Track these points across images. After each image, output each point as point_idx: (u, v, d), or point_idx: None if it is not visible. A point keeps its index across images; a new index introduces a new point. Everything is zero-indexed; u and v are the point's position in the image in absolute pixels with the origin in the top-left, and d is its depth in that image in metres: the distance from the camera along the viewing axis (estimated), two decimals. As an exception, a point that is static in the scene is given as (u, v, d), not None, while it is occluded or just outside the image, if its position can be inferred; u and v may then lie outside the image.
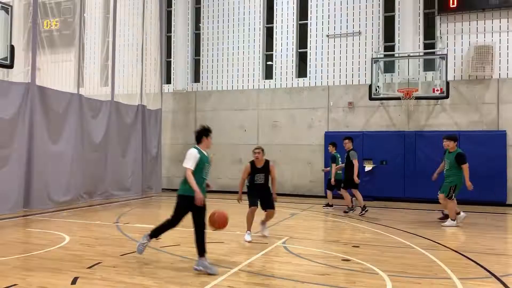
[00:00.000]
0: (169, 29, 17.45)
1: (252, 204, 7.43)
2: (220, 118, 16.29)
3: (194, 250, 6.54)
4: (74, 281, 4.88)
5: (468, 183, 8.85)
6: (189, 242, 7.16)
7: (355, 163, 10.54)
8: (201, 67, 16.83)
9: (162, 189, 16.27)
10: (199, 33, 16.98)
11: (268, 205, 7.49)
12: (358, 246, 6.98)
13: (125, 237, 7.45)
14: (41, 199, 10.79)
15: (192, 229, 5.48)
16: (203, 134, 6.01)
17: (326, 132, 14.83)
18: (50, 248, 6.49)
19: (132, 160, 14.44)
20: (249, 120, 15.93)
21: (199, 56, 16.93)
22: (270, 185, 7.58)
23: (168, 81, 17.33)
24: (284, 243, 7.13)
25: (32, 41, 10.87)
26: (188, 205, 5.57)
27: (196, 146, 5.78)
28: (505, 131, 13.05)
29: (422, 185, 13.15)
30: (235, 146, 16.02)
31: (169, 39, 17.47)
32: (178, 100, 16.96)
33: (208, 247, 6.75)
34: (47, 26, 12.20)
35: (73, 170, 11.83)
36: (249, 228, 7.50)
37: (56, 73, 13.05)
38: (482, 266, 5.77)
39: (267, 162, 7.48)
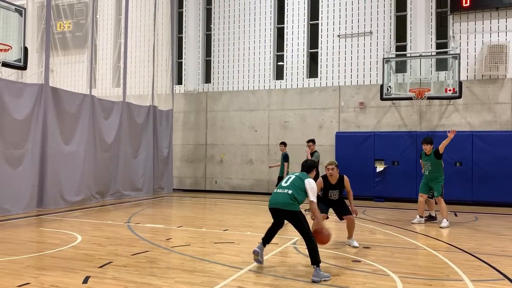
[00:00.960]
0: (180, 30, 17.54)
1: (322, 212, 6.69)
2: (231, 119, 16.33)
3: (204, 250, 6.59)
4: (85, 280, 4.92)
5: None
6: (199, 242, 7.21)
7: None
8: (212, 67, 16.89)
9: (173, 189, 16.37)
10: (210, 34, 17.04)
11: (344, 212, 7.01)
12: (369, 247, 6.93)
13: (136, 237, 7.51)
14: (54, 199, 10.93)
15: (202, 230, 5.46)
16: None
17: (337, 132, 14.77)
18: (63, 248, 6.56)
19: (143, 161, 14.54)
20: (260, 120, 15.93)
21: (210, 56, 16.98)
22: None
23: (180, 81, 17.42)
24: (294, 243, 7.12)
25: (46, 43, 11.02)
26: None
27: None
28: (519, 131, 12.87)
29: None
30: (246, 146, 16.04)
31: (180, 40, 17.56)
32: (189, 101, 17.04)
33: (218, 247, 6.79)
34: (60, 28, 12.34)
35: (85, 170, 11.96)
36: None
37: (69, 74, 13.20)
38: (495, 268, 5.69)
39: (341, 177, 7.09)
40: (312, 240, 5.21)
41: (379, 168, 13.94)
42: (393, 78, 13.62)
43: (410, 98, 13.16)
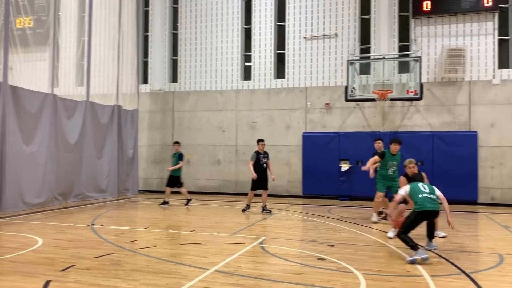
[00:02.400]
0: (146, 29, 17.30)
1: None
2: (198, 119, 16.24)
3: (170, 251, 6.54)
4: (46, 285, 4.79)
5: None
6: (165, 243, 7.15)
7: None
8: (178, 67, 16.74)
9: (139, 190, 16.11)
10: (177, 33, 16.88)
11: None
12: (333, 245, 7.07)
13: (100, 239, 7.36)
14: (14, 201, 10.54)
15: (168, 231, 5.41)
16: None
17: (304, 133, 14.95)
18: (22, 252, 6.35)
19: (108, 161, 14.25)
20: (228, 121, 15.93)
21: (177, 56, 16.83)
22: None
23: (145, 81, 17.17)
24: (261, 243, 7.17)
25: (4, 40, 10.60)
26: None
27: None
28: (476, 132, 13.42)
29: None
30: (214, 147, 16.00)
31: (146, 38, 17.32)
32: (155, 101, 16.83)
33: (184, 248, 6.76)
34: (20, 25, 11.92)
35: (47, 172, 11.60)
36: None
37: (30, 72, 12.75)
38: (453, 264, 5.92)
39: (419, 173, 7.38)
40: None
41: (344, 167, 14.22)
42: (357, 79, 13.93)
43: (373, 100, 13.48)
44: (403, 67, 14.31)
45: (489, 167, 13.32)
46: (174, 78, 16.99)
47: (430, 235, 6.72)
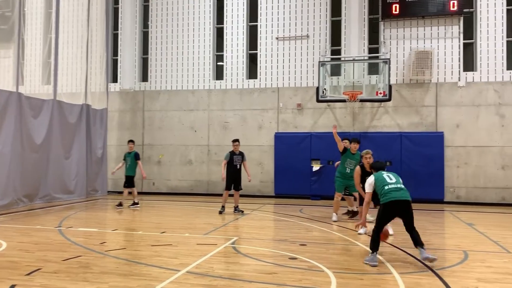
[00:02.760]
0: (115, 27, 16.98)
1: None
2: (169, 119, 16.07)
3: (140, 253, 6.44)
4: (10, 289, 4.63)
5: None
6: (135, 245, 7.03)
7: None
8: (149, 66, 16.51)
9: (108, 191, 15.80)
10: (147, 32, 16.65)
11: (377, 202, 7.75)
12: (305, 245, 7.13)
13: (68, 242, 7.17)
14: (-24, 204, 10.15)
15: (139, 233, 5.34)
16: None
17: (276, 133, 15.02)
18: (-15, 255, 6.12)
19: (76, 162, 13.91)
20: (200, 120, 15.82)
21: (147, 54, 16.60)
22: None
23: (115, 79, 16.86)
24: (233, 243, 7.15)
25: (-35, 35, 10.21)
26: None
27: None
28: (442, 132, 13.82)
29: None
30: (185, 147, 15.86)
31: (115, 36, 17.00)
32: (125, 100, 16.54)
33: (155, 250, 6.67)
34: (-18, 20, 11.49)
35: (12, 172, 11.22)
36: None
37: (-7, 70, 12.34)
38: (420, 261, 6.07)
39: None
40: None
41: (315, 167, 14.37)
42: (329, 81, 14.11)
43: (344, 101, 13.68)
44: (373, 69, 14.60)
45: (454, 166, 13.74)
46: (144, 77, 16.75)
47: (415, 241, 5.96)
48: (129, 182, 12.00)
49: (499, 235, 8.25)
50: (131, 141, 12.44)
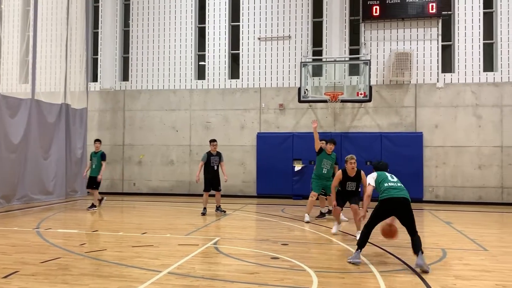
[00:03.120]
0: (96, 25, 16.75)
1: (338, 204, 8.13)
2: (150, 118, 15.93)
3: (120, 254, 6.37)
4: (-13, 293, 4.53)
5: None
6: (115, 246, 6.95)
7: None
8: (130, 65, 16.34)
9: (88, 192, 15.54)
10: (129, 30, 16.47)
11: (353, 201, 7.93)
12: (287, 244, 7.16)
13: (47, 244, 7.05)
14: (-50, 205, 9.88)
15: (119, 234, 5.28)
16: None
17: (258, 133, 15.04)
18: (-40, 258, 5.97)
19: (54, 162, 13.66)
20: (182, 120, 15.73)
21: (128, 54, 16.42)
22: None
23: (95, 79, 16.63)
24: (215, 244, 7.14)
25: None
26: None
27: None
28: (421, 132, 14.06)
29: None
30: (167, 147, 15.75)
31: (96, 35, 16.77)
32: (105, 99, 16.33)
33: (136, 250, 6.61)
34: (-43, 17, 11.19)
35: (-12, 173, 10.96)
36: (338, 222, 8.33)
37: (-32, 68, 12.04)
38: (400, 259, 6.17)
39: (359, 171, 7.96)
40: None
41: (297, 167, 14.44)
42: (310, 81, 14.20)
43: (325, 101, 13.79)
44: (354, 70, 14.76)
45: (433, 166, 13.99)
46: (125, 77, 16.57)
47: (414, 247, 5.73)
48: (95, 183, 11.44)
49: (476, 233, 8.44)
50: (97, 140, 11.93)
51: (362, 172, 8.03)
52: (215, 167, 10.74)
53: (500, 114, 13.70)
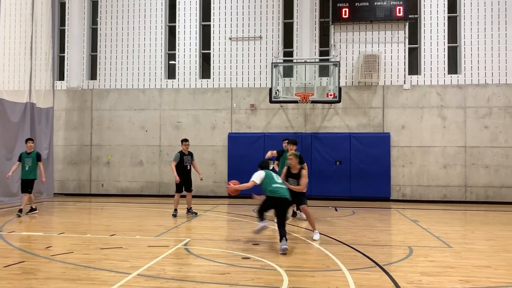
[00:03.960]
0: (62, 23, 16.32)
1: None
2: (119, 118, 15.65)
3: (88, 256, 6.24)
4: None
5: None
6: (83, 249, 6.80)
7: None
8: (98, 63, 16.00)
9: (54, 193, 15.15)
10: (97, 28, 16.13)
11: (300, 202, 8.02)
12: (258, 244, 7.19)
13: (10, 247, 6.81)
14: None
15: (87, 236, 5.16)
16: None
17: (229, 133, 15.02)
18: None
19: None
20: (151, 120, 15.52)
21: (96, 52, 16.08)
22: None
23: (62, 77, 16.20)
24: (185, 245, 7.08)
25: None
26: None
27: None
28: (389, 133, 14.39)
29: (317, 183, 13.96)
30: (136, 147, 15.51)
31: (62, 33, 16.34)
32: (72, 98, 15.93)
33: (105, 252, 6.48)
34: None
35: None
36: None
37: None
38: (368, 257, 6.30)
39: (300, 168, 8.01)
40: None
41: (269, 167, 14.46)
42: (281, 82, 14.29)
43: (296, 102, 13.91)
44: (324, 71, 14.96)
45: (400, 166, 14.34)
46: (93, 75, 16.21)
47: (282, 234, 6.63)
48: (30, 186, 10.71)
49: (441, 230, 8.70)
50: (30, 139, 11.06)
51: (303, 169, 8.06)
52: (188, 166, 10.60)
53: (463, 115, 14.19)
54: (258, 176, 7.32)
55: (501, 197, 13.86)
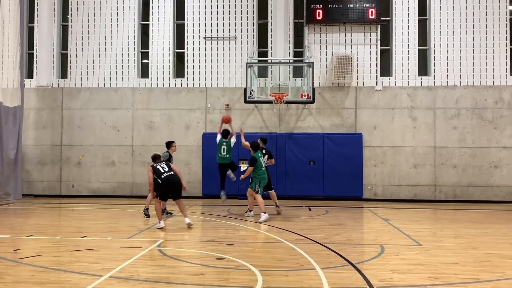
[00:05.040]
0: (31, 19, 15.87)
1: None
2: (90, 117, 15.33)
3: (58, 259, 6.10)
4: None
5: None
6: (53, 251, 6.64)
7: None
8: (69, 62, 15.63)
9: (23, 195, 14.72)
10: (67, 26, 15.75)
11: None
12: (232, 244, 7.18)
13: (-25, 251, 6.58)
14: None
15: (57, 238, 5.04)
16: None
17: (204, 133, 14.94)
18: None
19: (-15, 163, 12.79)
20: (123, 120, 15.28)
21: (67, 50, 15.70)
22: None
23: (30, 75, 15.76)
24: (158, 246, 7.01)
25: None
26: None
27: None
28: (361, 133, 14.62)
29: (291, 183, 14.07)
30: (108, 147, 15.23)
31: (31, 29, 15.89)
32: (41, 97, 15.52)
33: (76, 255, 6.35)
34: None
35: None
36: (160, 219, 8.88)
37: None
38: (341, 256, 6.38)
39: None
40: None
41: (243, 167, 14.47)
42: (256, 82, 14.31)
43: (270, 102, 13.97)
44: (298, 72, 15.07)
45: (372, 165, 14.59)
46: (63, 73, 15.83)
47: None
48: None
49: (411, 229, 8.90)
50: None
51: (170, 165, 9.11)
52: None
53: (433, 116, 14.56)
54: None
55: (468, 195, 14.29)
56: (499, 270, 5.69)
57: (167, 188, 8.71)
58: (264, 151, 10.91)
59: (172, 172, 8.82)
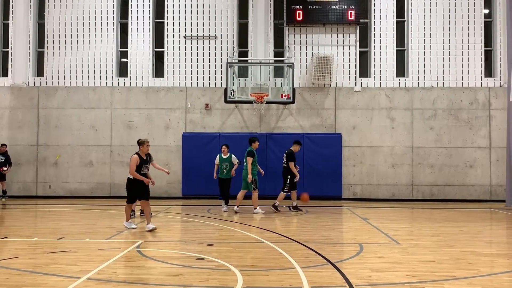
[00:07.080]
0: (6, 16, 15.49)
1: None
2: (67, 117, 15.05)
3: (34, 261, 5.97)
4: None
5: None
6: (28, 253, 6.50)
7: None
8: (45, 60, 15.31)
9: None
10: (44, 23, 15.43)
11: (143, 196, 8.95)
12: (212, 244, 7.16)
13: None
14: None
15: (33, 240, 4.93)
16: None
17: (184, 133, 14.85)
18: None
19: (-43, 164, 12.42)
20: (101, 119, 15.05)
21: (43, 48, 15.38)
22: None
23: (5, 73, 15.38)
24: (137, 247, 6.93)
25: None
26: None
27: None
28: (340, 133, 14.77)
29: (271, 183, 14.08)
30: (85, 147, 14.99)
31: (6, 26, 15.51)
32: (17, 96, 15.16)
33: (52, 257, 6.22)
34: None
35: None
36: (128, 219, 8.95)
37: None
38: (320, 255, 6.43)
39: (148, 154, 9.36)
40: None
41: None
42: (236, 82, 14.29)
43: (251, 102, 13.98)
44: (278, 72, 15.12)
45: (351, 165, 14.76)
46: (39, 72, 15.50)
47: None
48: None
49: (389, 228, 9.04)
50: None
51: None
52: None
53: (410, 117, 14.81)
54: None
55: (444, 194, 14.59)
56: (474, 267, 5.83)
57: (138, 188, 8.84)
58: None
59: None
